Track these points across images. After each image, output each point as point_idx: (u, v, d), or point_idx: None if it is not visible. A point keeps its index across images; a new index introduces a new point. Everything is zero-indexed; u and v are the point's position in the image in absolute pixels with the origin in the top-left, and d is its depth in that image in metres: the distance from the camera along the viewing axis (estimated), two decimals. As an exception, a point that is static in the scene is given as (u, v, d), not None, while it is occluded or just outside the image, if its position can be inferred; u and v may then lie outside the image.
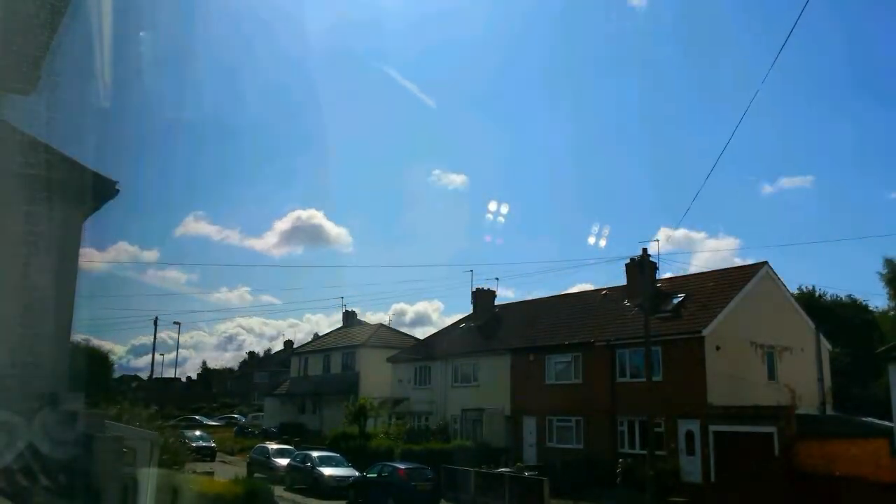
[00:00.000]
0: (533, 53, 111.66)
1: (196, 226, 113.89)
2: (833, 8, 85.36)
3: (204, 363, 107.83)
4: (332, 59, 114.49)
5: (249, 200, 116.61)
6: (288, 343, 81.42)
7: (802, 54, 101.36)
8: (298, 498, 27.09)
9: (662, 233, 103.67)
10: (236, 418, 66.92)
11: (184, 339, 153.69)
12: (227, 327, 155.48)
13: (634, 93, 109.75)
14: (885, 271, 43.69)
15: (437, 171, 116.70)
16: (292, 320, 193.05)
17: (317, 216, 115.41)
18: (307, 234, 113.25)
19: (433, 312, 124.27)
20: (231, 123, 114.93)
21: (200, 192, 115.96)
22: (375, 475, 25.52)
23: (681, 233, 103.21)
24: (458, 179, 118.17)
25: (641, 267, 28.18)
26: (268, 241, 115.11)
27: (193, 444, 33.31)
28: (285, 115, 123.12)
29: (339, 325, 58.02)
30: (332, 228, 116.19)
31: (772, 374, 28.97)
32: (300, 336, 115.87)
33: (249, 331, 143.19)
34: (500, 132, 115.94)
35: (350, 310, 58.45)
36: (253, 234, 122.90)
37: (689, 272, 34.37)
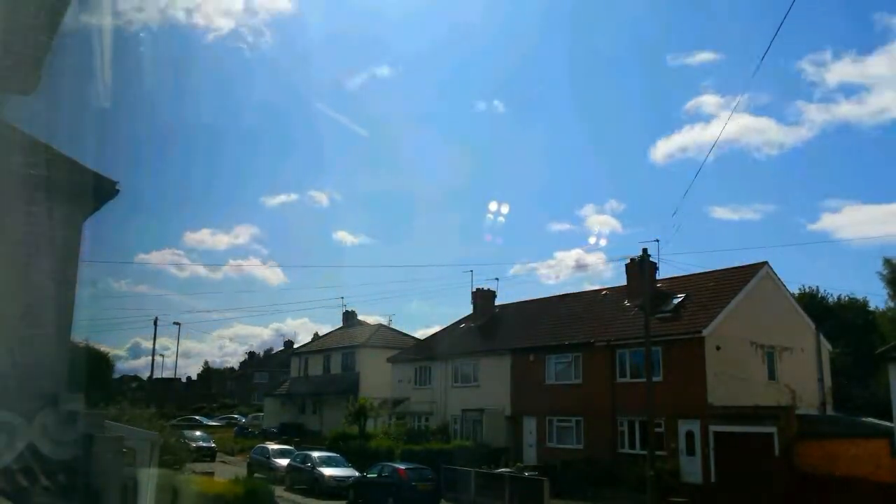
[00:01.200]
0: (544, 47, 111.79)
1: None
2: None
3: (206, 363, 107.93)
4: (330, 70, 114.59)
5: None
6: (288, 343, 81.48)
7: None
8: (298, 498, 27.09)
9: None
10: (236, 418, 66.91)
11: (173, 343, 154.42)
12: (213, 338, 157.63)
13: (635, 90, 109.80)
14: (884, 272, 43.70)
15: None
16: (276, 324, 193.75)
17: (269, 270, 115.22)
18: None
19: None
20: (224, 128, 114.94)
21: (192, 199, 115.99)
22: (375, 475, 25.51)
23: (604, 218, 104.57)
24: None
25: (641, 267, 28.17)
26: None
27: (193, 445, 33.32)
28: (276, 121, 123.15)
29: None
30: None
31: (772, 374, 28.97)
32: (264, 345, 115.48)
33: (236, 339, 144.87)
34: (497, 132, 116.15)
35: (350, 310, 58.54)
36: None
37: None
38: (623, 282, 34.35)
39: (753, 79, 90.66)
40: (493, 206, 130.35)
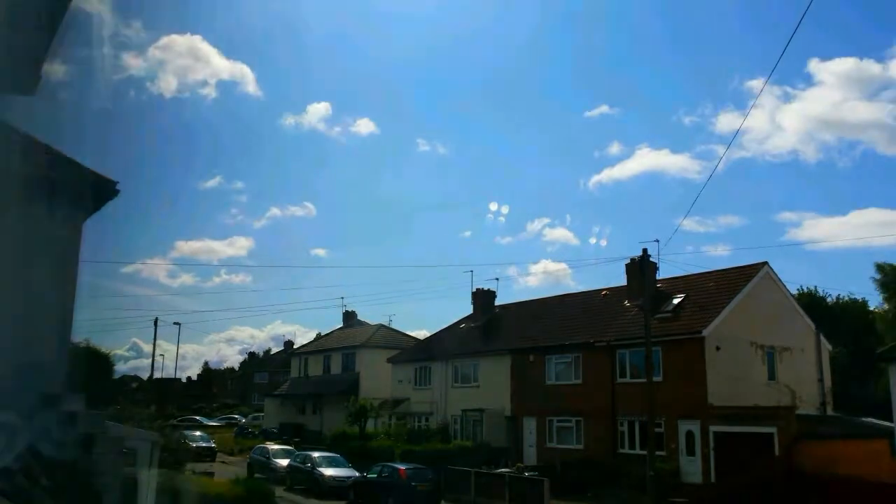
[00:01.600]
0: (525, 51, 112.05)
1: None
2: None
3: (206, 363, 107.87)
4: (332, 64, 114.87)
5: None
6: (288, 343, 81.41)
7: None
8: (298, 498, 27.10)
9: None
10: (236, 419, 66.87)
11: (170, 346, 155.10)
12: (209, 341, 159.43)
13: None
14: (878, 276, 43.74)
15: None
16: (268, 327, 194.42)
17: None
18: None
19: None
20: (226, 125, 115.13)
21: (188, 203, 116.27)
22: (376, 476, 25.52)
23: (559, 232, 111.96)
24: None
25: (641, 267, 28.17)
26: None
27: (193, 445, 33.31)
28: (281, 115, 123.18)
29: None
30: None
31: (772, 375, 28.96)
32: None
33: (231, 342, 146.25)
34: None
35: (350, 310, 58.49)
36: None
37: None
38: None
39: (653, 129, 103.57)
40: (493, 206, 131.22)
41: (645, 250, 27.42)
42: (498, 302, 42.49)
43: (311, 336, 65.51)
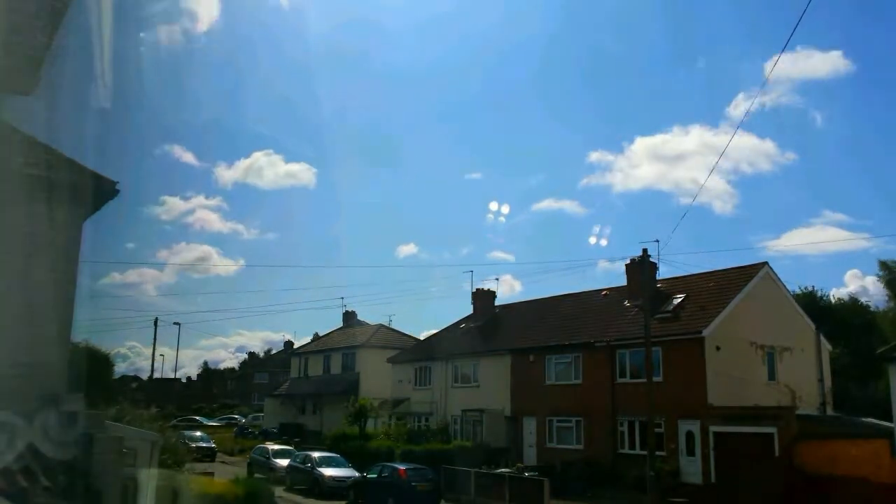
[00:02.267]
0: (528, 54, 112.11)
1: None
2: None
3: (205, 363, 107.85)
4: (335, 62, 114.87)
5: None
6: (288, 343, 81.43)
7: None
8: (298, 498, 27.09)
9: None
10: (236, 419, 66.88)
11: (164, 350, 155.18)
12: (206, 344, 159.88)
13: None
14: (881, 273, 43.71)
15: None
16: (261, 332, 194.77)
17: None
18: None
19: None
20: (230, 124, 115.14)
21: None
22: (375, 476, 25.50)
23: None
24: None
25: (642, 267, 28.16)
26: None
27: (193, 445, 33.30)
28: (285, 114, 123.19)
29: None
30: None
31: (772, 375, 28.96)
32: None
33: (225, 345, 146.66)
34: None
35: (350, 310, 58.45)
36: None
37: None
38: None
39: (533, 190, 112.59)
40: (493, 205, 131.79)
41: (645, 250, 27.40)
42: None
43: (307, 340, 65.52)
